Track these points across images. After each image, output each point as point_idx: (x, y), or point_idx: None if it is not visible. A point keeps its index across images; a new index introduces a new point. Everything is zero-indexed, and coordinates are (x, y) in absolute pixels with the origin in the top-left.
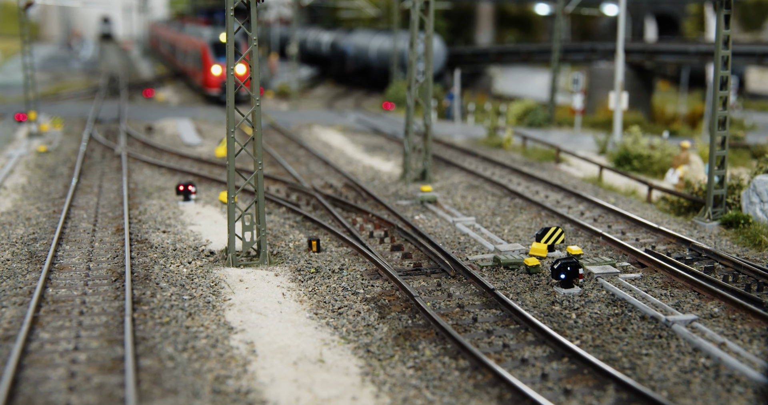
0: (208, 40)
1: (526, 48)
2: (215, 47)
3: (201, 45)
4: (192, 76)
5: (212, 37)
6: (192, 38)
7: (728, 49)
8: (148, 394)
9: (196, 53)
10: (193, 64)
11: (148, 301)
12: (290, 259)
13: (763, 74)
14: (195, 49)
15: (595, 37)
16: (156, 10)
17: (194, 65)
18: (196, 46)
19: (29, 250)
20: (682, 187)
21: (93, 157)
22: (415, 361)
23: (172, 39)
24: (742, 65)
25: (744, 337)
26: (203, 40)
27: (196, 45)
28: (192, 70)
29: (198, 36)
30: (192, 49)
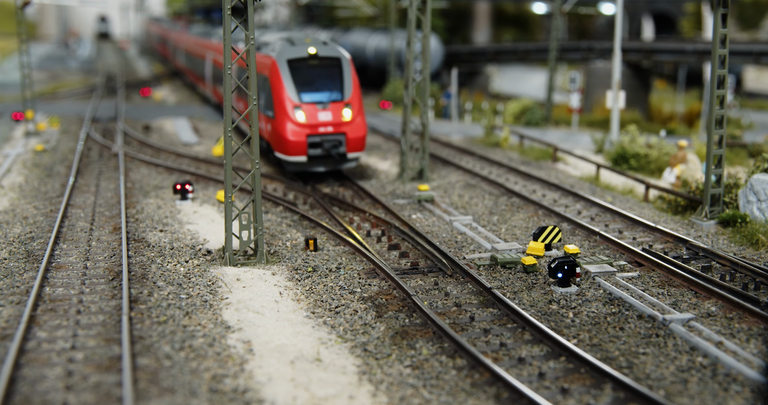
0: (280, 54)
1: (523, 47)
2: (296, 70)
3: (269, 65)
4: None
5: (286, 49)
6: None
7: (725, 48)
8: (145, 393)
9: (259, 82)
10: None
11: (145, 300)
12: (287, 258)
13: (761, 73)
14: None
15: (593, 36)
16: (153, 9)
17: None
18: (258, 65)
19: (26, 249)
20: (680, 186)
21: (90, 156)
22: (413, 360)
23: (190, 46)
24: (739, 64)
25: (741, 336)
26: (272, 56)
27: (258, 64)
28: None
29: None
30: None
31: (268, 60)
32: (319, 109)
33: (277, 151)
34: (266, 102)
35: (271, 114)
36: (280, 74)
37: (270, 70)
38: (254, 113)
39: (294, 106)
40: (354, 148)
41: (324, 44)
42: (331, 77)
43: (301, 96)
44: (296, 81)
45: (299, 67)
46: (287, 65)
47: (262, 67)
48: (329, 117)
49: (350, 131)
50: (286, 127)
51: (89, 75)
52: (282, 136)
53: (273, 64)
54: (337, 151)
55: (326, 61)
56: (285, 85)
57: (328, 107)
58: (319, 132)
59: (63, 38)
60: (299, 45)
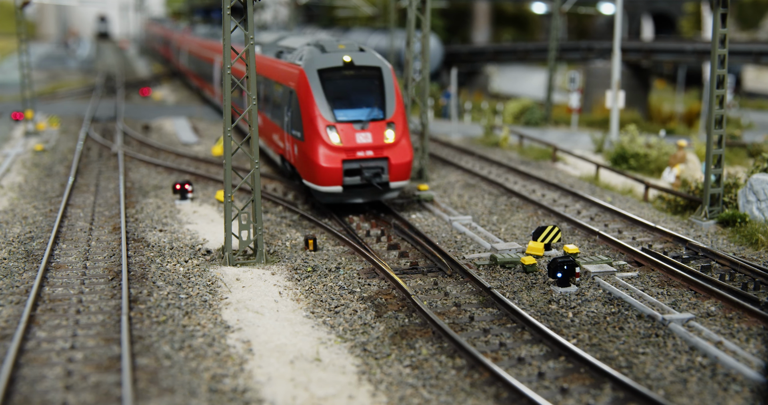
0: (309, 63)
1: (522, 47)
2: (329, 82)
3: (296, 75)
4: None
5: (316, 57)
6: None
7: (725, 48)
8: (144, 392)
9: (281, 92)
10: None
11: (145, 300)
12: (287, 257)
13: (760, 73)
14: (278, 85)
15: (592, 35)
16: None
17: (273, 114)
18: (283, 75)
19: (26, 249)
20: (679, 186)
21: (90, 155)
22: (412, 360)
23: (196, 48)
24: (738, 64)
25: (741, 335)
26: (299, 64)
27: (283, 74)
28: (267, 128)
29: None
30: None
31: (295, 70)
32: (356, 130)
33: (306, 179)
34: (292, 120)
35: (298, 134)
36: (310, 87)
37: (297, 82)
38: (254, 113)
39: (327, 125)
40: (398, 176)
41: (361, 51)
42: (370, 91)
43: (336, 113)
44: (329, 95)
45: (332, 79)
46: (318, 76)
47: (287, 77)
48: (369, 139)
49: (394, 156)
50: (318, 151)
51: (89, 75)
52: (312, 161)
53: (301, 74)
54: (378, 179)
55: (364, 72)
56: (316, 100)
57: (368, 127)
58: (357, 157)
59: (62, 38)
60: (331, 52)
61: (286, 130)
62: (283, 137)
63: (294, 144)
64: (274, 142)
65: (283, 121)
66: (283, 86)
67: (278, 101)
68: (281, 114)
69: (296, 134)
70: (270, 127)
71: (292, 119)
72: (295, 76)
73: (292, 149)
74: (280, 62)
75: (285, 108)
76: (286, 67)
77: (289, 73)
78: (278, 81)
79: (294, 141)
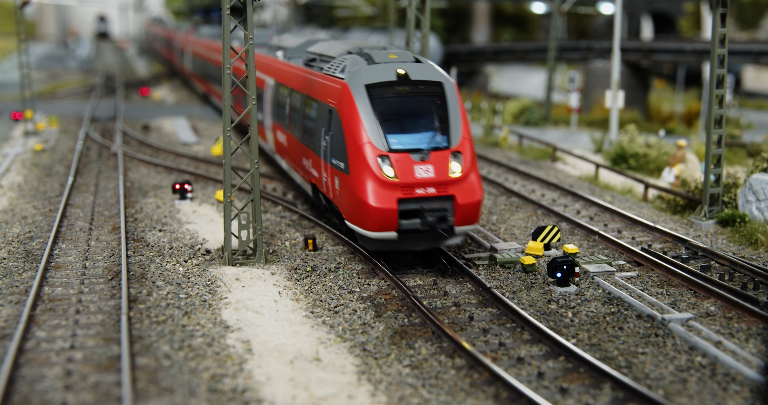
0: (354, 77)
1: (522, 46)
2: (380, 101)
3: (338, 91)
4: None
5: (362, 69)
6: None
7: (724, 48)
8: (144, 392)
9: (315, 110)
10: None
11: (145, 300)
12: (286, 257)
13: (760, 73)
14: (311, 100)
15: (592, 35)
16: (152, 9)
17: (303, 135)
18: (318, 90)
19: (25, 249)
20: (679, 186)
21: (89, 155)
22: (412, 360)
23: (202, 50)
24: (738, 64)
25: (740, 335)
26: (341, 78)
27: (318, 88)
28: (294, 150)
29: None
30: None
31: (336, 84)
32: (415, 161)
33: (351, 220)
34: (333, 146)
35: (341, 165)
36: (357, 107)
37: (339, 100)
38: (253, 113)
39: (378, 155)
40: (466, 218)
41: (417, 62)
42: (430, 111)
43: (389, 140)
44: (381, 117)
45: (384, 97)
46: (366, 94)
47: (325, 92)
48: (431, 173)
49: (461, 194)
50: (367, 188)
51: (88, 75)
52: (360, 199)
53: (344, 91)
54: (442, 224)
55: (422, 88)
56: (364, 123)
57: (429, 158)
58: (416, 195)
59: (62, 38)
60: (381, 63)
61: (323, 158)
62: (318, 165)
63: (334, 176)
64: (305, 168)
65: (319, 146)
66: (318, 103)
67: (311, 120)
68: (316, 136)
69: (338, 164)
70: (298, 149)
71: (332, 145)
72: (337, 92)
73: (331, 181)
74: (313, 73)
75: (322, 130)
76: (322, 79)
77: (327, 87)
78: (311, 96)
79: (334, 172)
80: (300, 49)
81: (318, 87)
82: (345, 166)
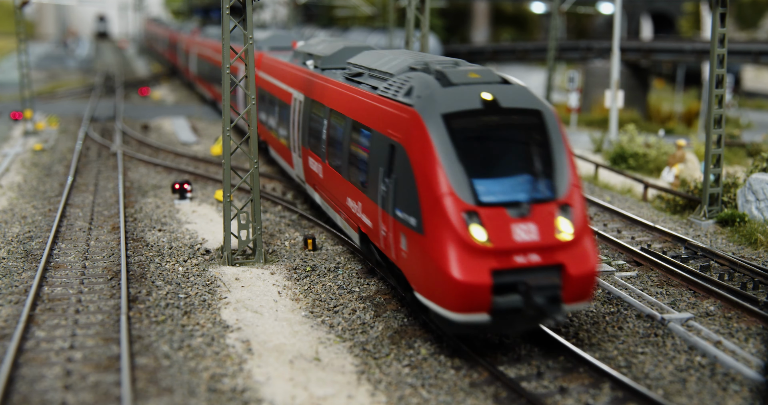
0: (427, 103)
1: (522, 46)
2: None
3: (404, 122)
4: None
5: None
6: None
7: (724, 48)
8: (143, 392)
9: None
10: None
11: (144, 300)
12: (286, 257)
13: (759, 72)
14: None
15: (591, 35)
16: (151, 9)
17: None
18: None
19: (25, 249)
20: (678, 186)
21: (89, 155)
22: (411, 360)
23: (209, 53)
24: (737, 64)
25: (740, 335)
26: (406, 104)
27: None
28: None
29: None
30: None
31: (402, 112)
32: (513, 219)
33: (426, 294)
34: (397, 192)
35: (412, 221)
36: (433, 144)
37: (408, 133)
38: (252, 112)
39: (464, 210)
40: (579, 294)
41: (504, 83)
42: (528, 150)
43: (477, 190)
44: (466, 159)
45: (469, 131)
46: (445, 127)
47: (384, 121)
48: (533, 233)
49: (573, 262)
50: (449, 255)
51: (88, 74)
52: (439, 270)
53: (414, 121)
54: (554, 306)
55: (517, 118)
56: (444, 166)
57: (530, 214)
58: (516, 264)
59: (61, 37)
60: (460, 84)
61: (381, 206)
62: (373, 213)
63: (399, 232)
64: (350, 211)
65: (375, 190)
66: (373, 133)
67: (362, 154)
68: (369, 176)
69: (405, 219)
70: (341, 186)
71: (396, 191)
72: (403, 122)
73: (395, 239)
74: (363, 94)
75: (380, 170)
76: (378, 103)
77: (386, 115)
78: (363, 123)
79: (400, 228)
80: (337, 59)
81: (373, 113)
82: (417, 223)
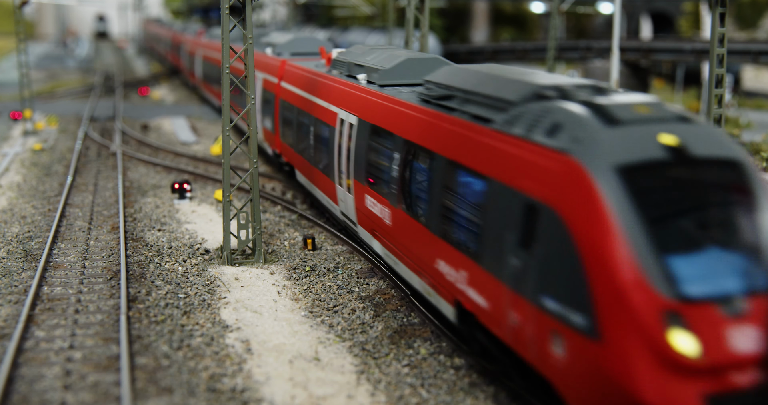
0: (591, 152)
1: (521, 46)
2: (648, 198)
3: (556, 175)
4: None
5: (598, 134)
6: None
7: (723, 48)
8: (143, 392)
9: (484, 195)
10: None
11: (144, 300)
12: (285, 257)
13: (759, 72)
14: (484, 185)
15: (591, 35)
16: (151, 9)
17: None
18: (494, 163)
19: (24, 249)
20: None
21: (88, 155)
22: (411, 360)
23: (218, 57)
24: (737, 63)
25: None
26: (555, 148)
27: (494, 159)
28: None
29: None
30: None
31: (552, 162)
32: (727, 318)
33: None
34: (547, 274)
35: (576, 318)
36: (608, 211)
37: (563, 192)
38: (252, 112)
39: (661, 308)
40: None
41: (684, 121)
42: (732, 218)
43: (679, 278)
44: (656, 232)
45: (654, 191)
46: (623, 185)
47: (518, 170)
48: (755, 340)
49: None
50: (641, 374)
51: (87, 74)
52: (627, 394)
53: (573, 175)
54: None
55: (713, 172)
56: (626, 243)
57: (748, 311)
58: (736, 385)
59: (61, 37)
60: (629, 122)
61: (514, 287)
62: (495, 292)
63: (550, 330)
64: (441, 276)
65: (499, 260)
66: (492, 183)
67: (467, 205)
68: (486, 239)
69: (561, 312)
70: (427, 241)
71: (542, 270)
72: (551, 175)
73: (539, 336)
74: (468, 126)
75: (507, 235)
76: (499, 143)
77: (518, 161)
78: (470, 166)
79: (549, 323)
80: (401, 74)
81: (488, 155)
82: (585, 322)
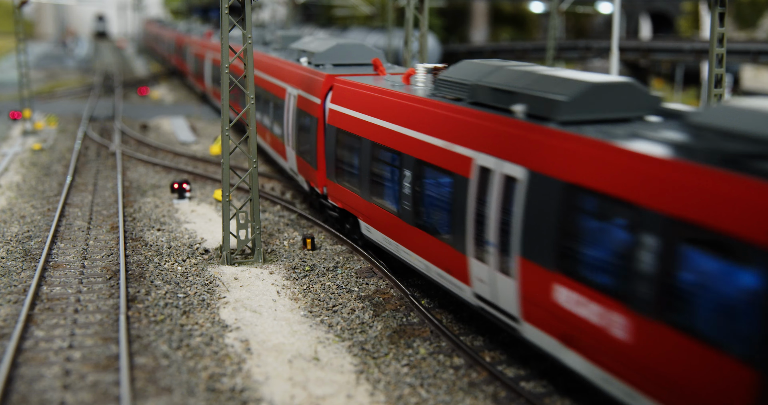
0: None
1: (521, 46)
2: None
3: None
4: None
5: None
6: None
7: (723, 47)
8: (142, 392)
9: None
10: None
11: (143, 299)
12: (285, 257)
13: (758, 72)
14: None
15: (590, 35)
16: (150, 9)
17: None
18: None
19: (24, 248)
20: None
21: (88, 155)
22: (410, 359)
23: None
24: (736, 63)
25: None
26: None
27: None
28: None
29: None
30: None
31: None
32: None
33: None
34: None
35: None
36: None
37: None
38: (252, 112)
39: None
40: None
41: None
42: None
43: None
44: None
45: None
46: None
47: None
48: None
49: None
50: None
51: (87, 74)
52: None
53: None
54: None
55: None
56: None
57: None
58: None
59: (60, 37)
60: None
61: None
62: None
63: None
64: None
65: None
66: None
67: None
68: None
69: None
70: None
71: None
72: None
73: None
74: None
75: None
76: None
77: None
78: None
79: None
80: (597, 106)
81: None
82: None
